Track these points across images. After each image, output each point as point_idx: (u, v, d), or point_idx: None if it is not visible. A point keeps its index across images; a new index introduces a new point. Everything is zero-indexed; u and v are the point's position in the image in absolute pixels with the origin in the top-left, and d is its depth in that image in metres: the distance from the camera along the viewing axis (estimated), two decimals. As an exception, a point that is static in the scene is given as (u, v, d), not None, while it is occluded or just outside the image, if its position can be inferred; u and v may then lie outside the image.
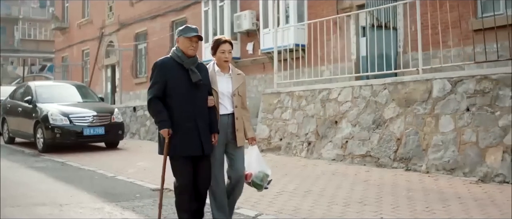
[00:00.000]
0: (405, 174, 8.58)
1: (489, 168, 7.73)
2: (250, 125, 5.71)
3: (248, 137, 5.64)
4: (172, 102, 5.24)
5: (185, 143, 5.23)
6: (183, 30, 5.39)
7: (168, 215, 6.77)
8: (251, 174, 5.52)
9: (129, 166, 11.10)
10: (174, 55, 5.37)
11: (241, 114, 5.60)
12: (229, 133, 5.53)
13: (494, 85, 7.79)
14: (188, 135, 5.22)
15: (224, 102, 5.54)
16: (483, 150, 7.83)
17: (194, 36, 5.33)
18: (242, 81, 5.70)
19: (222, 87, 5.53)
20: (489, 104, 7.82)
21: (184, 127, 5.22)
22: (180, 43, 5.37)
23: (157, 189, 8.51)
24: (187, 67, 5.28)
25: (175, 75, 5.25)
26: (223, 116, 5.53)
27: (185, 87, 5.25)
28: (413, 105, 8.86)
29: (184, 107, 5.25)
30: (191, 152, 5.26)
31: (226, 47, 5.54)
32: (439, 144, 8.39)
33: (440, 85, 8.49)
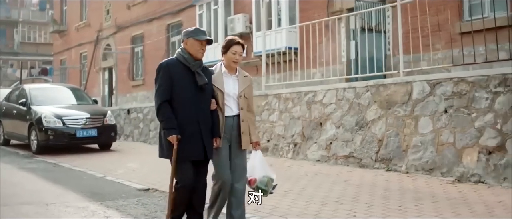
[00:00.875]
0: (385, 174, 8.77)
1: (465, 168, 7.92)
2: (255, 128, 5.66)
3: (253, 141, 5.56)
4: (177, 105, 5.16)
5: (189, 147, 5.15)
6: (193, 32, 5.29)
7: (150, 214, 6.91)
8: (255, 179, 5.43)
9: (119, 167, 11.28)
10: (180, 57, 5.27)
11: (247, 116, 5.52)
12: (234, 136, 5.46)
13: (471, 87, 7.98)
14: (192, 139, 5.16)
15: (230, 104, 5.45)
16: (460, 151, 8.02)
17: (205, 40, 5.28)
18: (248, 84, 5.61)
19: (228, 89, 5.45)
20: (466, 106, 8.01)
21: (188, 131, 5.14)
22: (188, 46, 5.26)
23: (143, 189, 8.75)
24: (193, 70, 5.21)
25: (180, 77, 5.17)
26: (229, 118, 5.44)
27: (190, 90, 5.18)
28: (394, 107, 9.05)
29: (188, 111, 5.17)
30: (194, 156, 5.21)
31: (238, 49, 5.46)
32: (418, 145, 8.58)
33: (420, 87, 8.69)
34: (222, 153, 5.41)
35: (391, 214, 6.23)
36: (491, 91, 7.72)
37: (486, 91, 7.78)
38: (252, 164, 5.50)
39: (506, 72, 7.64)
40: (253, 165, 5.49)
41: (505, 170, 7.45)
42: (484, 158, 7.71)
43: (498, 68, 8.06)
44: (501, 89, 7.61)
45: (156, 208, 7.27)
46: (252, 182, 5.44)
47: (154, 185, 8.90)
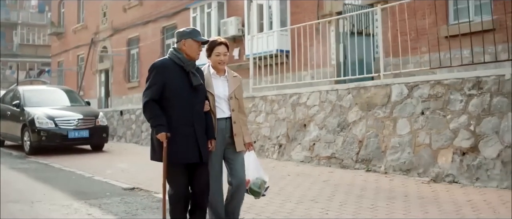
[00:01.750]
0: (365, 174, 8.98)
1: (440, 168, 8.13)
2: (247, 129, 5.56)
3: (245, 142, 5.43)
4: (170, 106, 5.01)
5: (183, 150, 4.99)
6: (192, 33, 5.16)
7: (131, 212, 7.11)
8: (248, 181, 5.33)
9: (108, 167, 11.50)
10: (174, 57, 5.12)
11: (239, 118, 5.41)
12: (227, 138, 5.33)
13: (446, 90, 8.19)
14: (186, 141, 5.00)
15: (221, 106, 5.34)
16: (435, 152, 8.24)
17: (204, 42, 5.22)
18: (238, 84, 5.49)
19: (218, 91, 5.33)
20: (442, 108, 8.22)
21: (182, 133, 4.98)
22: (186, 46, 5.09)
23: (128, 188, 8.96)
24: (187, 70, 5.07)
25: (174, 78, 5.02)
26: (221, 120, 5.32)
27: (184, 91, 5.03)
28: (374, 109, 9.26)
29: (182, 112, 5.02)
30: (189, 159, 5.03)
31: (221, 50, 5.31)
32: (396, 146, 8.80)
33: (398, 90, 8.90)
34: (214, 160, 5.29)
35: (362, 213, 6.43)
36: (465, 94, 7.93)
37: (460, 94, 8.00)
38: (246, 165, 5.38)
39: (479, 75, 7.85)
40: (246, 167, 5.36)
41: (478, 170, 7.66)
42: (458, 159, 7.92)
43: (472, 72, 8.29)
44: (475, 92, 7.82)
45: (137, 206, 7.48)
46: (246, 183, 5.33)
47: (139, 185, 9.11)
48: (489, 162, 7.53)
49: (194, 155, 5.03)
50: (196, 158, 5.04)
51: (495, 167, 7.46)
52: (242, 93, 5.58)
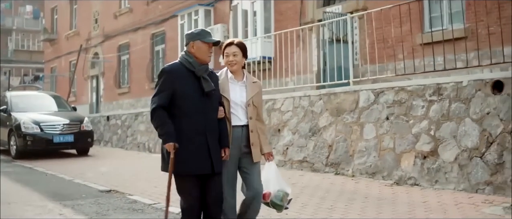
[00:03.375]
0: (333, 177, 9.29)
1: (403, 171, 8.44)
2: (266, 138, 5.22)
3: (265, 152, 5.09)
4: (181, 113, 4.69)
5: (194, 160, 4.67)
6: (200, 34, 4.82)
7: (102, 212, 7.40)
8: (269, 193, 4.99)
9: (89, 171, 11.80)
10: (185, 61, 4.79)
11: (256, 126, 5.05)
12: (243, 147, 4.98)
13: (409, 96, 8.51)
14: (197, 151, 4.67)
15: (237, 113, 4.99)
16: (399, 155, 8.55)
17: (213, 43, 4.85)
18: (257, 90, 5.12)
19: (235, 96, 4.98)
20: (405, 113, 8.54)
21: (193, 142, 4.67)
22: (195, 49, 4.77)
23: (105, 190, 9.26)
24: (199, 75, 4.74)
25: (185, 83, 4.71)
26: (236, 128, 4.98)
27: (196, 97, 4.70)
28: (343, 115, 9.58)
29: (194, 120, 4.70)
30: (200, 170, 4.69)
31: (229, 50, 5.00)
32: (363, 150, 9.11)
33: (365, 96, 9.22)
34: (228, 167, 4.95)
35: (319, 214, 6.73)
36: (427, 99, 8.25)
37: (422, 100, 8.31)
38: (266, 177, 5.06)
39: (439, 82, 8.17)
40: (267, 178, 5.05)
41: (437, 173, 7.97)
42: (419, 162, 8.23)
43: (433, 78, 8.62)
44: (435, 97, 8.13)
45: (109, 207, 7.78)
46: (266, 196, 5.01)
47: (116, 187, 9.41)
48: (447, 165, 7.85)
49: (206, 166, 4.69)
50: (208, 169, 4.70)
51: (453, 170, 7.77)
52: (261, 101, 5.25)
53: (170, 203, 4.86)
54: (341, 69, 11.14)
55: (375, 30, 10.96)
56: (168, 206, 4.89)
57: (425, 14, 12.59)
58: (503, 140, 7.21)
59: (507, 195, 7.06)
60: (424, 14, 12.57)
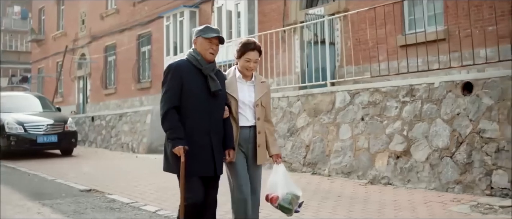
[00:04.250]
0: (309, 177, 9.46)
1: (377, 171, 8.62)
2: (274, 140, 5.10)
3: (272, 153, 4.98)
4: (185, 112, 4.58)
5: (197, 162, 4.57)
6: (202, 30, 4.73)
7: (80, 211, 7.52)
8: (277, 197, 4.81)
9: (71, 171, 11.92)
10: (192, 58, 4.69)
11: (264, 127, 4.94)
12: (250, 148, 4.89)
13: (383, 97, 8.69)
14: (201, 152, 4.59)
15: (245, 113, 4.87)
16: (373, 155, 8.72)
17: (215, 38, 4.68)
18: (266, 91, 5.01)
19: (243, 96, 4.86)
20: (379, 114, 8.72)
21: (197, 143, 4.56)
22: (198, 45, 4.70)
23: (85, 189, 9.38)
24: (206, 74, 4.63)
25: (191, 81, 4.60)
26: (244, 128, 4.86)
27: (202, 96, 4.61)
28: (320, 115, 9.74)
29: (199, 120, 4.60)
30: (203, 172, 4.61)
31: (253, 56, 4.84)
32: (339, 150, 9.28)
33: (342, 97, 9.38)
34: (239, 166, 4.84)
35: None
36: (400, 100, 8.43)
37: (396, 101, 8.49)
38: (274, 180, 4.88)
39: (412, 83, 8.35)
40: (275, 181, 4.86)
41: (409, 173, 8.15)
42: (393, 162, 8.41)
43: (407, 80, 8.78)
44: (408, 99, 8.31)
45: (87, 206, 7.90)
46: (274, 199, 4.84)
47: (96, 187, 9.52)
48: (419, 164, 8.03)
49: (209, 168, 4.63)
50: (211, 171, 4.64)
51: (424, 169, 7.94)
52: (269, 101, 5.15)
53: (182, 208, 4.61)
54: (324, 71, 11.31)
55: (357, 32, 11.15)
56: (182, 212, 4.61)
57: (405, 16, 12.79)
58: (472, 140, 7.39)
59: (475, 193, 7.25)
60: (404, 16, 12.77)
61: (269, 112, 5.10)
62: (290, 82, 12.75)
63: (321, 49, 11.63)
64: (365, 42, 11.07)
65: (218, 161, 4.66)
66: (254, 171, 4.95)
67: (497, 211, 6.47)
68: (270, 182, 4.90)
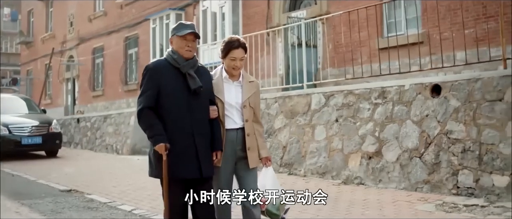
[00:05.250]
0: (285, 177, 9.63)
1: (350, 171, 8.82)
2: (264, 141, 4.91)
3: (262, 156, 4.80)
4: (165, 113, 4.43)
5: (180, 163, 4.39)
6: (176, 28, 4.59)
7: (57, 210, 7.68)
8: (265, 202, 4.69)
9: (54, 172, 12.06)
10: (169, 57, 4.55)
11: (253, 129, 4.75)
12: (239, 151, 4.68)
13: (357, 99, 8.89)
14: (184, 154, 4.41)
15: (232, 115, 4.67)
16: (347, 156, 8.92)
17: (189, 34, 4.52)
18: (254, 90, 4.82)
19: (229, 97, 4.67)
20: (352, 115, 8.92)
21: (179, 144, 4.39)
22: (174, 44, 4.57)
23: (65, 189, 9.54)
24: (184, 72, 4.48)
25: (169, 81, 4.45)
26: (231, 131, 4.65)
27: (181, 95, 4.45)
28: (296, 117, 9.94)
29: (179, 120, 4.43)
30: (186, 174, 4.42)
31: (238, 54, 4.65)
32: (314, 151, 9.47)
33: (317, 99, 9.58)
34: (222, 171, 4.65)
35: (263, 210, 7.06)
36: (372, 102, 8.63)
37: (368, 103, 8.70)
38: (262, 184, 4.74)
39: (384, 85, 8.56)
40: (263, 185, 4.73)
41: (381, 173, 8.35)
42: (365, 162, 8.61)
43: (378, 82, 9.00)
44: (380, 101, 8.52)
45: (65, 205, 8.06)
46: (262, 205, 4.71)
47: (77, 187, 9.68)
48: (390, 165, 8.23)
49: (193, 170, 4.42)
50: (196, 173, 4.43)
51: (395, 169, 8.15)
52: (259, 101, 4.98)
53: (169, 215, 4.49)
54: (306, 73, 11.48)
55: (338, 35, 11.33)
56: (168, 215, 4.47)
57: (385, 19, 12.99)
58: (440, 140, 7.60)
59: (442, 193, 7.46)
60: (384, 19, 12.97)
61: (259, 113, 4.91)
62: (274, 84, 12.90)
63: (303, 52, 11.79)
64: (346, 45, 11.28)
65: (204, 162, 4.44)
66: (247, 175, 4.74)
67: (460, 209, 6.68)
68: (258, 186, 4.74)
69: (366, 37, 11.43)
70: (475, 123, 7.22)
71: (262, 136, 4.88)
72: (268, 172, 4.83)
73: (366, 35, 11.39)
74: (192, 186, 4.45)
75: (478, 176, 7.11)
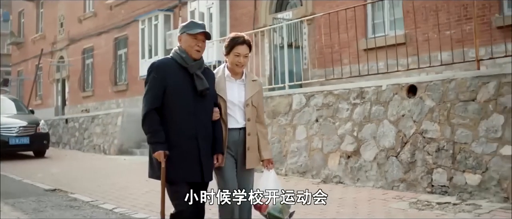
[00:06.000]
0: (267, 177, 9.76)
1: (330, 170, 8.97)
2: (267, 143, 4.82)
3: (264, 158, 4.73)
4: (170, 114, 4.31)
5: (182, 166, 4.30)
6: (186, 26, 4.44)
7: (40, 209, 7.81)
8: (266, 205, 4.58)
9: (40, 171, 12.19)
10: (177, 56, 4.39)
11: (256, 129, 4.68)
12: (240, 152, 4.62)
13: (336, 99, 9.04)
14: (187, 157, 4.32)
15: (235, 114, 4.58)
16: (326, 155, 9.07)
17: (200, 34, 4.40)
18: (257, 89, 4.74)
19: (232, 96, 4.58)
20: (332, 116, 9.07)
21: (182, 147, 4.30)
22: (183, 42, 4.41)
23: (49, 189, 9.67)
24: (191, 72, 4.33)
25: (176, 81, 4.31)
26: (233, 131, 4.57)
27: (188, 97, 4.32)
28: (278, 117, 10.08)
29: (184, 122, 4.31)
30: (189, 177, 4.34)
31: (242, 50, 4.56)
32: (295, 150, 9.62)
33: (298, 99, 9.73)
34: (226, 171, 4.56)
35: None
36: (351, 103, 8.79)
37: (347, 103, 8.85)
38: (264, 187, 4.62)
39: (362, 86, 8.71)
40: (265, 188, 4.61)
41: (358, 172, 8.51)
42: (344, 162, 8.76)
43: (357, 83, 9.16)
44: (358, 101, 8.67)
45: (48, 204, 8.19)
46: (263, 208, 4.58)
47: (61, 186, 9.81)
48: (368, 164, 8.39)
49: (196, 174, 4.34)
50: (198, 177, 4.35)
51: (372, 168, 8.31)
52: (262, 101, 4.84)
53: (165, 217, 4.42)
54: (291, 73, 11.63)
55: (322, 36, 11.44)
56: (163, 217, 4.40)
57: (369, 21, 13.18)
58: (415, 140, 7.76)
59: (417, 191, 7.61)
60: (368, 21, 13.16)
61: (262, 112, 4.79)
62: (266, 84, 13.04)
63: (290, 53, 11.95)
64: (331, 46, 11.41)
65: (205, 166, 4.37)
66: (244, 176, 4.67)
67: (433, 207, 6.83)
68: (260, 189, 4.60)
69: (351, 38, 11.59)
70: (449, 122, 7.37)
71: (265, 138, 4.80)
72: (270, 175, 4.72)
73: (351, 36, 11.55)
74: (192, 188, 4.33)
75: (452, 174, 7.26)
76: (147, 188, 8.79)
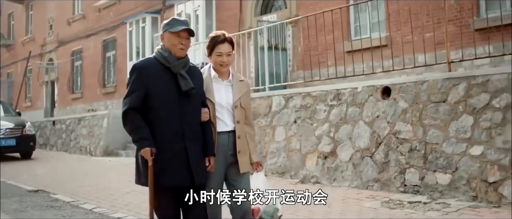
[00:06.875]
0: (247, 177, 9.92)
1: (307, 171, 9.13)
2: (255, 146, 4.68)
3: (253, 161, 4.56)
4: (154, 117, 4.09)
5: (170, 170, 4.06)
6: (168, 24, 4.21)
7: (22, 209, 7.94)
8: (258, 209, 4.50)
9: (25, 173, 12.32)
10: (159, 56, 4.18)
11: (244, 131, 4.50)
12: (230, 156, 4.43)
13: (314, 101, 9.21)
14: (174, 160, 4.08)
15: (223, 117, 4.42)
16: (304, 156, 9.23)
17: (183, 31, 4.17)
18: (245, 90, 4.58)
19: (220, 98, 4.41)
20: (310, 117, 9.23)
21: (169, 150, 4.07)
22: (165, 41, 4.20)
23: (32, 190, 9.79)
24: (175, 72, 4.13)
25: (159, 81, 4.10)
26: (222, 134, 4.41)
27: (172, 97, 4.10)
28: (258, 118, 10.22)
29: (169, 124, 4.10)
30: (177, 182, 4.09)
31: (224, 49, 4.38)
32: (274, 151, 9.77)
33: (277, 101, 9.89)
34: (214, 176, 4.37)
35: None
36: (328, 104, 8.95)
37: (324, 104, 9.01)
38: (254, 190, 4.49)
39: (339, 88, 8.88)
40: (255, 191, 4.48)
41: (335, 172, 8.67)
42: (321, 162, 8.92)
43: (334, 84, 9.32)
44: (335, 102, 8.84)
45: (29, 205, 8.32)
46: (255, 212, 4.50)
47: (44, 187, 9.94)
48: (344, 164, 8.55)
49: (185, 177, 4.09)
50: (187, 181, 4.09)
51: (348, 168, 8.47)
52: (249, 102, 4.69)
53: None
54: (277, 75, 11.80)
55: (306, 38, 11.59)
56: None
57: (351, 23, 13.36)
58: (389, 140, 7.92)
59: (391, 191, 7.78)
60: (351, 23, 13.34)
61: (250, 114, 4.65)
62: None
63: (275, 55, 12.11)
64: (314, 48, 11.56)
65: (195, 169, 4.12)
66: (240, 180, 4.46)
67: (404, 206, 7.00)
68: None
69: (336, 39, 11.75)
70: (421, 123, 7.54)
71: (253, 140, 4.65)
72: (259, 178, 4.61)
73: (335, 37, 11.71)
74: (183, 195, 4.12)
75: (423, 174, 7.43)
76: (128, 188, 8.93)
